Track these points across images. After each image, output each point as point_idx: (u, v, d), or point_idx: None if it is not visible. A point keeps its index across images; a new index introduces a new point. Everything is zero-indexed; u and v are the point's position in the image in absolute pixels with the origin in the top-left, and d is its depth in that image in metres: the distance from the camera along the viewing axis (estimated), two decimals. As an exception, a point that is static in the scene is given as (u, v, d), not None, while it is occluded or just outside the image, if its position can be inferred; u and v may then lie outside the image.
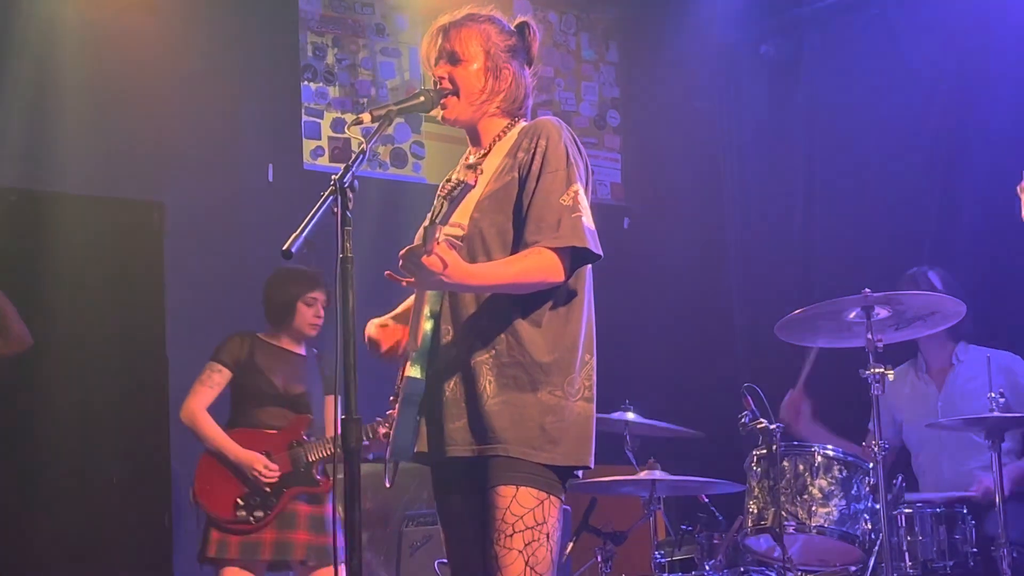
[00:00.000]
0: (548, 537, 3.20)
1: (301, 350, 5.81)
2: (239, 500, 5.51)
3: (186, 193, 6.97)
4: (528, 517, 3.18)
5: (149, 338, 6.81)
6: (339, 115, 7.50)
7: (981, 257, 6.55)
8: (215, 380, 5.67)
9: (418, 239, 3.04)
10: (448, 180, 3.57)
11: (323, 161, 7.43)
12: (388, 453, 3.37)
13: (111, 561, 6.57)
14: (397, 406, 3.36)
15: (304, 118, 7.46)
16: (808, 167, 7.76)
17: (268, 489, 5.51)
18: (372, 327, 3.51)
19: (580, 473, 3.33)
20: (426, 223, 3.27)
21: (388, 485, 3.43)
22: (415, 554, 5.89)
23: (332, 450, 5.52)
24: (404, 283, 3.13)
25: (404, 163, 7.74)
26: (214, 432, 5.59)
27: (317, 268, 5.72)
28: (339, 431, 2.97)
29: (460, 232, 3.30)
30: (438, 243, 3.00)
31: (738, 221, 8.19)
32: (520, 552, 3.16)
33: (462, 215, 3.36)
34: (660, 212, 8.36)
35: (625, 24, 8.66)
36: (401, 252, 3.05)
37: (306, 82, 7.50)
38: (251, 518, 5.49)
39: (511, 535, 3.18)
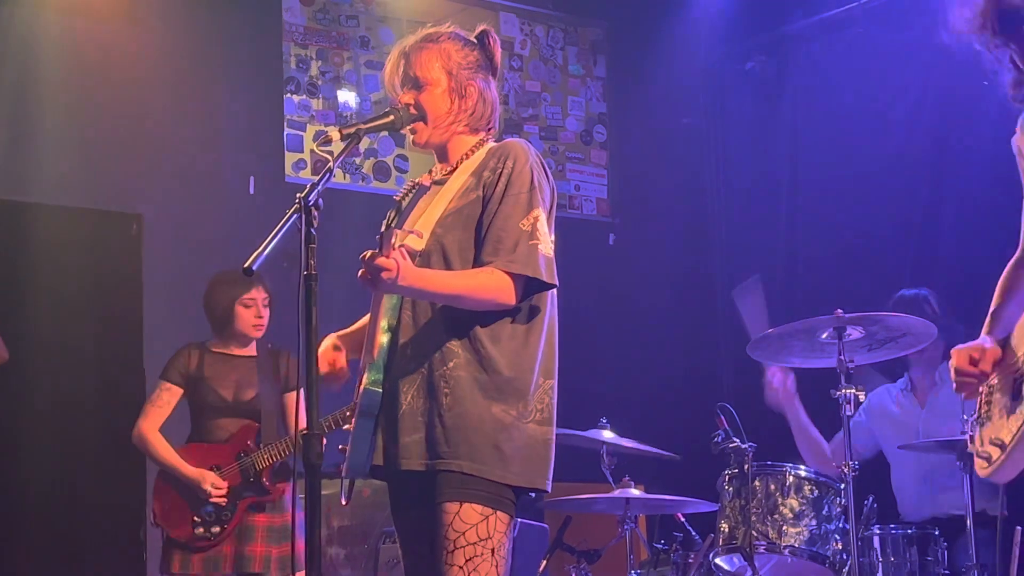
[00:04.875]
0: (493, 552, 3.19)
1: (251, 351, 5.74)
2: (196, 518, 5.52)
3: (165, 205, 6.97)
4: (471, 533, 3.18)
5: (126, 350, 6.80)
6: (322, 128, 7.47)
7: (960, 277, 6.50)
8: (164, 399, 5.66)
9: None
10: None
11: (305, 174, 7.41)
12: (344, 470, 3.35)
13: (86, 574, 6.55)
14: (353, 420, 3.34)
15: (286, 130, 7.45)
16: (793, 184, 7.75)
17: (224, 503, 5.50)
18: (325, 347, 3.48)
19: (533, 494, 3.33)
20: (383, 229, 3.27)
21: (344, 503, 3.46)
22: (392, 571, 5.86)
23: (284, 454, 5.50)
24: (361, 284, 3.13)
25: (388, 176, 7.71)
26: (164, 452, 5.60)
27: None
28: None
29: (419, 239, 3.30)
30: (393, 248, 3.03)
31: (723, 238, 8.18)
32: (461, 568, 3.17)
33: (422, 224, 3.36)
34: (646, 228, 8.35)
35: (612, 39, 8.66)
36: (361, 256, 3.08)
37: (289, 94, 7.48)
38: (209, 534, 5.50)
39: (452, 551, 3.18)
